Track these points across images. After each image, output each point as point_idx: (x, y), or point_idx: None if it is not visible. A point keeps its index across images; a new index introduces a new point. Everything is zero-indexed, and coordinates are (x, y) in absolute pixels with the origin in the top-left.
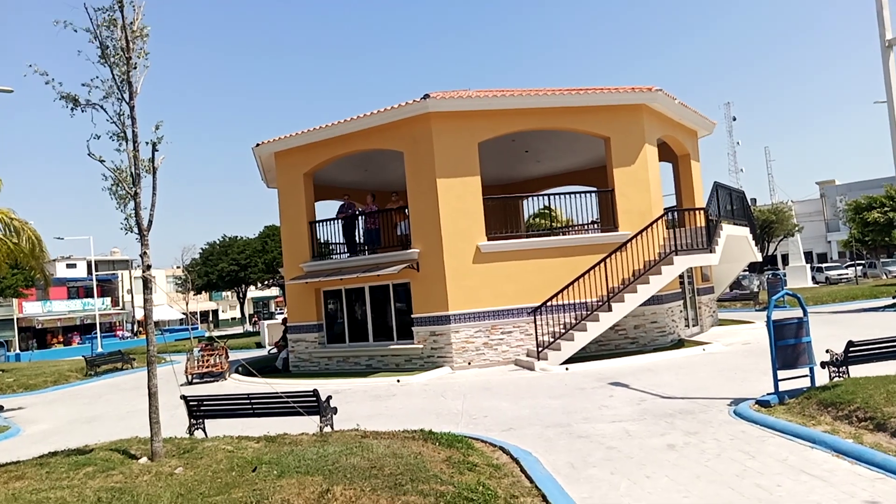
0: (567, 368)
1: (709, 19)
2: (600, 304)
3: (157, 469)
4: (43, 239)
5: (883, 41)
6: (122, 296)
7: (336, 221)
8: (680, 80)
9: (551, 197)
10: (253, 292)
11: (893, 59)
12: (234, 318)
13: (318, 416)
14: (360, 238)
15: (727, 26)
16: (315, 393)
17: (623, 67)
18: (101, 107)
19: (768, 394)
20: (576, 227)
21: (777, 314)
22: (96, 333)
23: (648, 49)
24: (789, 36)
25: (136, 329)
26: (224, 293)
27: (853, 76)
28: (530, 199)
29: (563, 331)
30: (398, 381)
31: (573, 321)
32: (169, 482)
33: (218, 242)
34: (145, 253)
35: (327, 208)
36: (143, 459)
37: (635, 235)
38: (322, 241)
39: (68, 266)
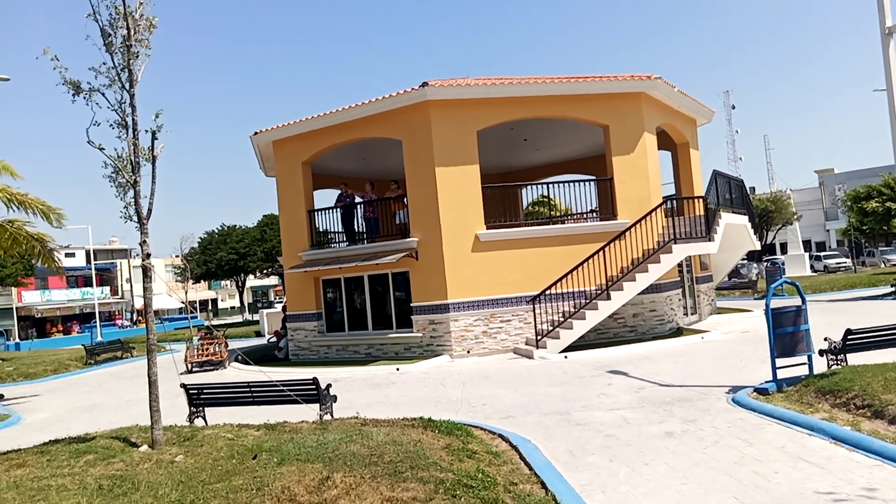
0: (566, 357)
1: (708, 6)
2: (599, 292)
3: (157, 457)
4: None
5: (883, 28)
6: (122, 285)
7: (335, 210)
8: (679, 68)
9: (550, 185)
10: (252, 281)
11: (893, 47)
12: (233, 307)
13: (317, 405)
14: (358, 227)
15: (726, 14)
16: (315, 381)
17: (622, 55)
18: (103, 94)
19: (766, 381)
20: (575, 216)
21: (775, 302)
22: (96, 322)
23: (648, 36)
24: (788, 24)
25: (135, 318)
26: (223, 282)
27: (853, 64)
28: (529, 187)
29: (561, 319)
30: (397, 369)
31: (572, 310)
32: (170, 470)
33: (217, 231)
34: (145, 241)
35: (326, 197)
36: (144, 447)
37: (634, 224)
38: (321, 229)
39: (67, 255)
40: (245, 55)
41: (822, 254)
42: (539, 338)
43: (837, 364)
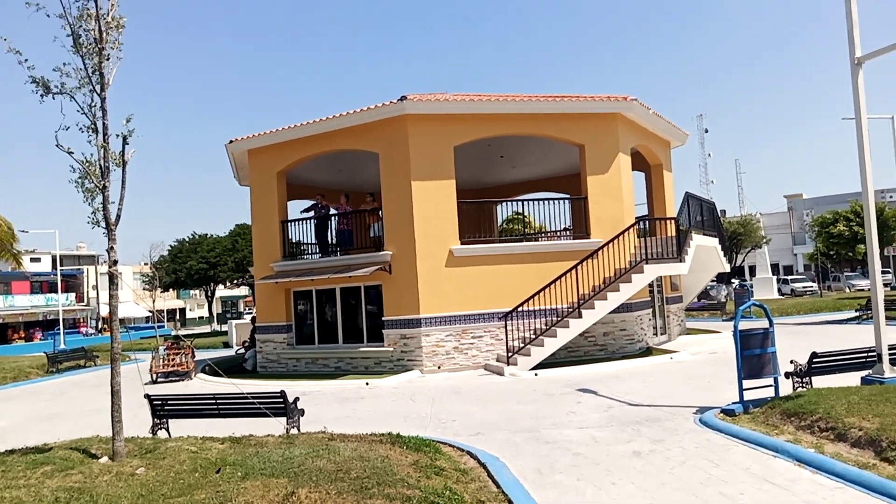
0: (536, 374)
1: (684, 34)
2: (571, 310)
3: (117, 469)
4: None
5: (853, 59)
6: (88, 292)
7: (308, 221)
8: (655, 90)
9: (525, 202)
10: (222, 291)
11: (862, 77)
12: (201, 317)
13: (284, 418)
14: (332, 239)
15: (701, 41)
16: (282, 394)
17: (599, 76)
18: (72, 97)
19: (733, 403)
20: (548, 234)
21: (743, 324)
22: (59, 329)
23: (626, 58)
24: (762, 52)
25: (100, 326)
26: (192, 291)
27: (823, 93)
28: (504, 203)
29: (533, 336)
30: (367, 383)
31: (543, 327)
32: (130, 482)
33: (187, 240)
34: (112, 248)
35: (300, 208)
36: (104, 459)
37: (607, 243)
38: (294, 240)
39: (32, 260)
40: (222, 61)
41: (790, 277)
42: (510, 354)
43: (803, 386)
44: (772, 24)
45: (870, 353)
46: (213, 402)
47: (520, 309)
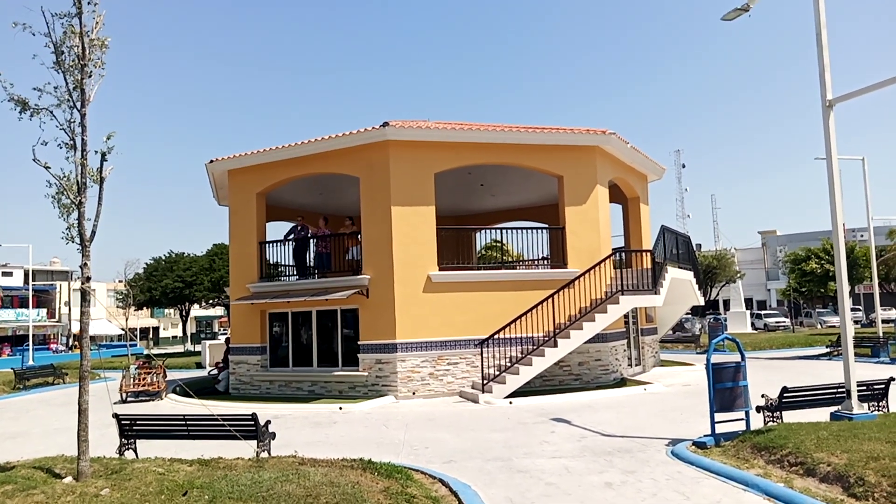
0: (511, 402)
1: (666, 70)
2: (546, 339)
3: (81, 490)
4: None
5: (824, 101)
6: (59, 308)
7: (287, 243)
8: (633, 125)
9: (504, 231)
10: (196, 311)
11: (833, 119)
12: (175, 337)
13: (255, 441)
14: (310, 261)
15: (682, 78)
16: (253, 417)
17: (578, 110)
18: (52, 113)
19: (705, 435)
20: (526, 262)
21: (716, 358)
22: (28, 345)
23: (606, 92)
24: (741, 92)
25: (71, 343)
26: (167, 310)
27: (798, 133)
28: (483, 231)
29: (508, 364)
30: (340, 408)
31: (519, 355)
32: None
33: (164, 258)
34: (86, 264)
35: (279, 229)
36: (68, 479)
37: (583, 273)
38: (271, 262)
39: (4, 274)
40: (204, 77)
41: (763, 312)
42: (485, 382)
43: (773, 421)
44: (749, 66)
45: (839, 390)
46: (183, 423)
47: (496, 336)
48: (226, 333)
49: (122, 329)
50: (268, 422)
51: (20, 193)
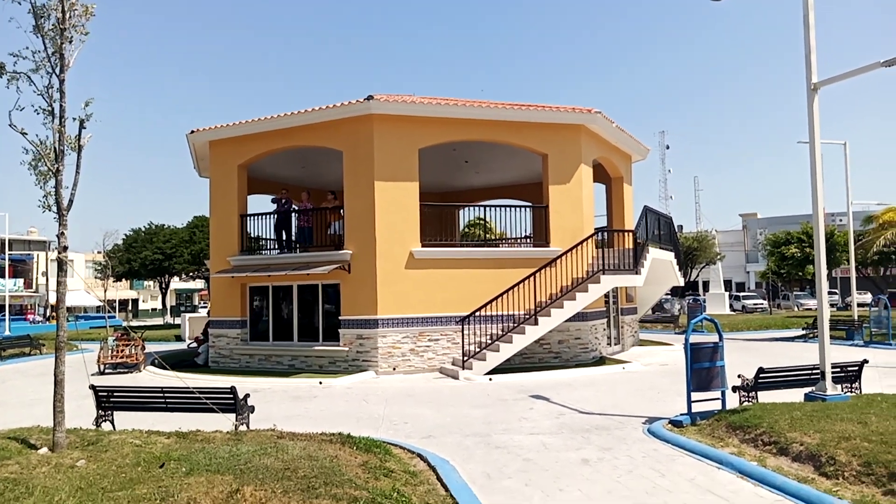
0: (491, 379)
1: (651, 55)
2: (527, 317)
3: (57, 461)
4: None
5: (809, 84)
6: (37, 278)
7: (268, 216)
8: (619, 107)
9: (487, 208)
10: (176, 283)
11: (817, 102)
12: (154, 309)
13: (234, 414)
14: (292, 235)
15: (667, 63)
16: (232, 390)
17: (565, 91)
18: (30, 79)
19: (681, 414)
20: (509, 241)
21: (694, 338)
22: (4, 316)
23: (591, 75)
24: (725, 77)
25: (48, 314)
26: (146, 282)
27: (781, 119)
28: (467, 208)
29: (489, 341)
30: (320, 382)
31: (500, 332)
32: (69, 475)
33: (143, 229)
34: (62, 234)
35: (260, 202)
36: (44, 450)
37: (565, 252)
38: (252, 235)
39: None
40: (187, 44)
41: (742, 294)
42: (466, 359)
43: (749, 401)
44: (736, 51)
45: (814, 371)
46: (161, 395)
47: (477, 314)
48: (206, 307)
49: (101, 300)
50: (246, 395)
51: None
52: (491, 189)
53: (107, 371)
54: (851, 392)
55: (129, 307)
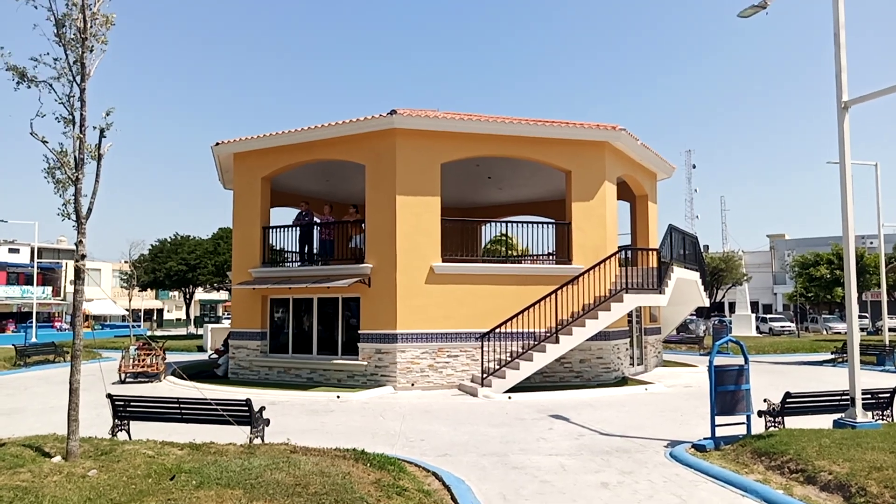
0: (510, 397)
1: (677, 72)
2: (548, 335)
3: (69, 469)
4: None
5: (839, 103)
6: (65, 286)
7: (291, 229)
8: (644, 124)
9: (510, 224)
10: (201, 294)
11: (848, 121)
12: (179, 319)
13: (248, 427)
14: (313, 248)
15: (694, 80)
16: (247, 402)
17: (590, 107)
18: (51, 86)
19: (705, 438)
20: (531, 257)
21: (720, 360)
22: (32, 322)
23: (618, 87)
24: (754, 95)
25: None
26: (171, 293)
27: (810, 138)
28: (489, 224)
29: (509, 359)
30: (338, 396)
31: (520, 350)
32: (79, 485)
33: (169, 240)
34: (81, 241)
35: (283, 215)
36: (57, 458)
37: (588, 270)
38: (275, 247)
39: (10, 251)
40: (214, 58)
41: (769, 316)
42: (485, 376)
43: (775, 426)
44: (763, 68)
45: (843, 397)
46: (177, 405)
47: (497, 330)
48: (229, 318)
49: (126, 310)
50: (262, 408)
51: (27, 170)
52: (514, 205)
53: (127, 380)
54: (883, 419)
55: (154, 317)
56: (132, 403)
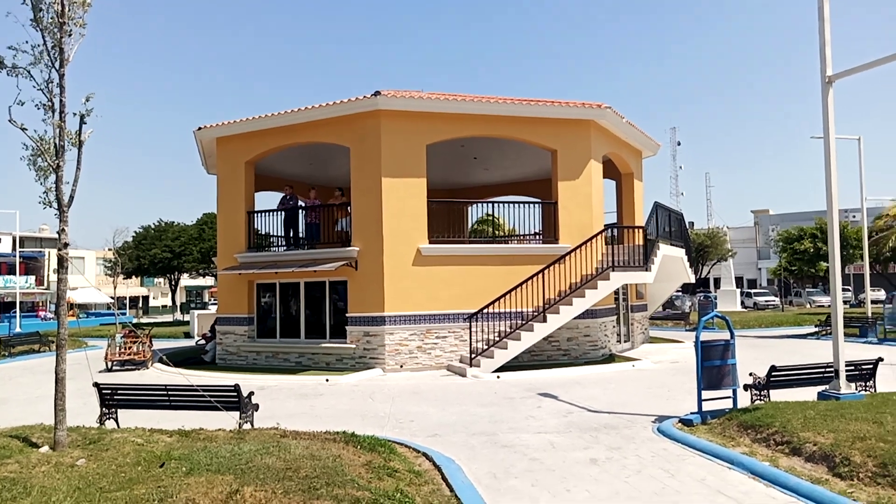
0: (498, 377)
1: (662, 52)
2: (536, 314)
3: (57, 459)
4: None
5: (823, 77)
6: (48, 275)
7: (276, 213)
8: (630, 103)
9: (496, 205)
10: (186, 280)
11: (832, 95)
12: (164, 306)
13: (237, 413)
14: (299, 232)
15: (679, 59)
16: (236, 388)
17: (576, 85)
18: (29, 73)
19: (692, 413)
20: (518, 237)
21: (705, 335)
22: (15, 312)
23: (603, 71)
24: (737, 73)
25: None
26: (156, 280)
27: (794, 116)
28: (475, 205)
29: (497, 339)
30: (327, 380)
31: (508, 330)
32: (68, 474)
33: (153, 227)
34: (63, 230)
35: (268, 199)
36: (45, 448)
37: (574, 249)
38: (260, 232)
39: None
40: (195, 42)
41: (753, 291)
42: (473, 356)
43: (761, 399)
44: (749, 47)
45: (827, 369)
46: (165, 393)
47: (485, 311)
48: (216, 303)
49: (111, 297)
50: (251, 393)
51: (7, 158)
52: (500, 185)
53: (114, 368)
54: (866, 391)
55: (140, 304)
56: (119, 391)
